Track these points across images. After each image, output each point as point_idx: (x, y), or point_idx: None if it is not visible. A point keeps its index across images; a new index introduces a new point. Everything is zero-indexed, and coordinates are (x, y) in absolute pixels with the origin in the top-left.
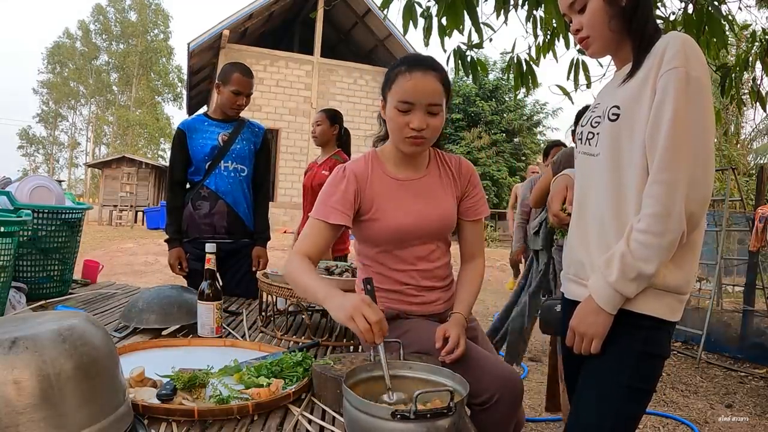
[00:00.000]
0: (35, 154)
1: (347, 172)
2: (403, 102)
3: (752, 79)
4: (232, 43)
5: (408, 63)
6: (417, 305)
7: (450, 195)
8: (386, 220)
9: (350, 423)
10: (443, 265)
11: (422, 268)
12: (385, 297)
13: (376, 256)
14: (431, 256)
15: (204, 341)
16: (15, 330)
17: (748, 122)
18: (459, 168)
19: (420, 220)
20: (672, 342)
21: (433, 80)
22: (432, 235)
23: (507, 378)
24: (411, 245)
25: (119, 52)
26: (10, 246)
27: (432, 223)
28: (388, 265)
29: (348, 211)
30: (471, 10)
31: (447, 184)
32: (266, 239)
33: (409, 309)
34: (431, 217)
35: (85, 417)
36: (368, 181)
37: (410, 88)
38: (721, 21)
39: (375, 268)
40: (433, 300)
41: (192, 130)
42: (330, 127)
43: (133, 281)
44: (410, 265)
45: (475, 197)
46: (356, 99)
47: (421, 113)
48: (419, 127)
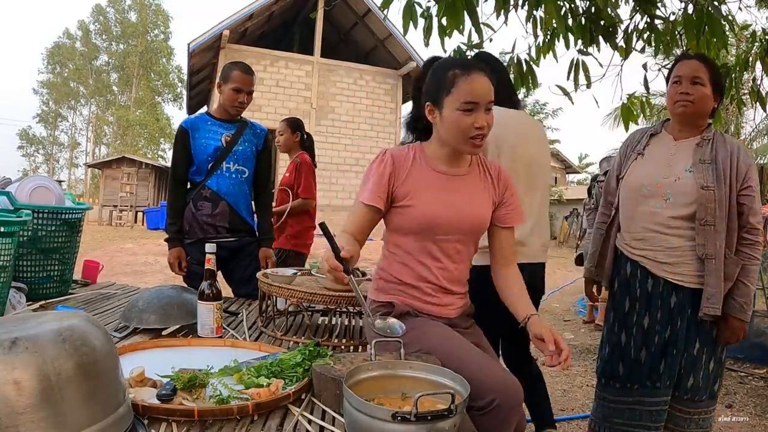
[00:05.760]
0: (35, 154)
1: (386, 156)
2: (467, 103)
3: (752, 79)
4: (232, 43)
5: (461, 65)
6: (431, 305)
7: (487, 198)
8: (420, 207)
9: (350, 424)
10: (465, 270)
11: (446, 266)
12: (402, 291)
13: (404, 245)
14: (457, 257)
15: (204, 341)
16: (15, 330)
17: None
18: (498, 175)
19: (454, 213)
20: None
21: (487, 79)
22: (463, 232)
23: (507, 384)
24: (440, 239)
25: (119, 52)
26: (10, 246)
27: (465, 220)
28: (414, 255)
29: (381, 193)
30: (471, 10)
31: (486, 187)
32: (272, 240)
33: (422, 308)
34: (465, 214)
35: (85, 417)
36: (407, 167)
37: (474, 90)
38: (721, 21)
39: (400, 257)
40: (447, 304)
41: (195, 129)
42: (292, 135)
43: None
44: (435, 261)
45: (511, 205)
46: (356, 99)
47: (483, 113)
48: (482, 126)
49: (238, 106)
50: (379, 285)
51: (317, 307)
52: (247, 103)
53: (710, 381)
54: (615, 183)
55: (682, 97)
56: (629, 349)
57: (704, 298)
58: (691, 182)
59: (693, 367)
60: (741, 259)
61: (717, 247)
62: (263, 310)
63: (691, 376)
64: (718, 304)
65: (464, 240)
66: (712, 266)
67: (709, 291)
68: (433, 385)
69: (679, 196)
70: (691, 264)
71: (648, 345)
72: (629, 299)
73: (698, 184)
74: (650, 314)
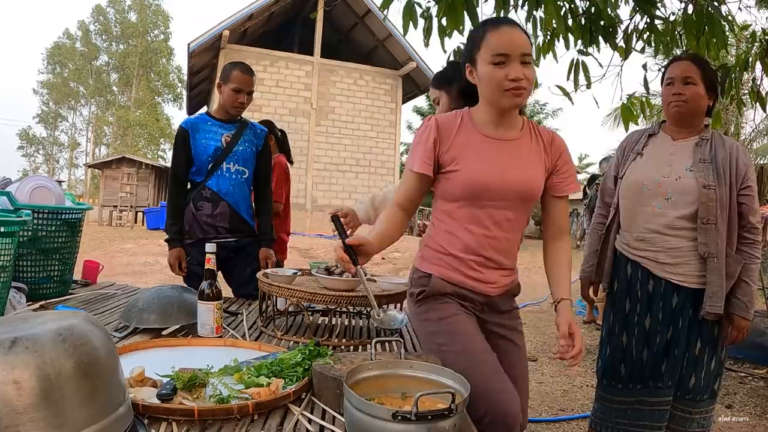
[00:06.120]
0: (35, 154)
1: (431, 122)
2: (498, 55)
3: (752, 79)
4: (232, 43)
5: (493, 21)
6: (472, 280)
7: (538, 163)
8: (467, 171)
9: (351, 424)
10: (515, 241)
11: (495, 235)
12: (445, 262)
13: (451, 212)
14: (507, 225)
15: (204, 341)
16: (15, 330)
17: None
18: (551, 141)
19: (502, 177)
20: None
21: (520, 32)
22: (512, 197)
23: (502, 402)
24: (488, 206)
25: (119, 52)
26: (10, 246)
27: (514, 185)
28: (461, 223)
29: (428, 159)
30: (471, 10)
31: (537, 152)
32: (272, 240)
33: (463, 282)
34: (514, 178)
35: (85, 417)
36: (454, 132)
37: (504, 41)
38: (721, 21)
39: (446, 225)
40: (491, 281)
41: (195, 129)
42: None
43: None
44: (483, 229)
45: (565, 173)
46: (356, 99)
47: (517, 64)
48: (517, 77)
49: (238, 106)
50: (424, 253)
51: (317, 307)
52: (247, 104)
53: (711, 380)
54: (613, 183)
55: (675, 98)
56: (631, 350)
57: (706, 296)
58: (693, 181)
59: (695, 367)
60: (742, 258)
61: (719, 246)
62: (263, 310)
63: (692, 376)
64: (720, 302)
65: (514, 207)
66: (714, 265)
67: (711, 290)
68: (434, 385)
69: (681, 195)
70: (692, 264)
71: (650, 345)
72: (630, 300)
73: (699, 183)
74: (651, 315)
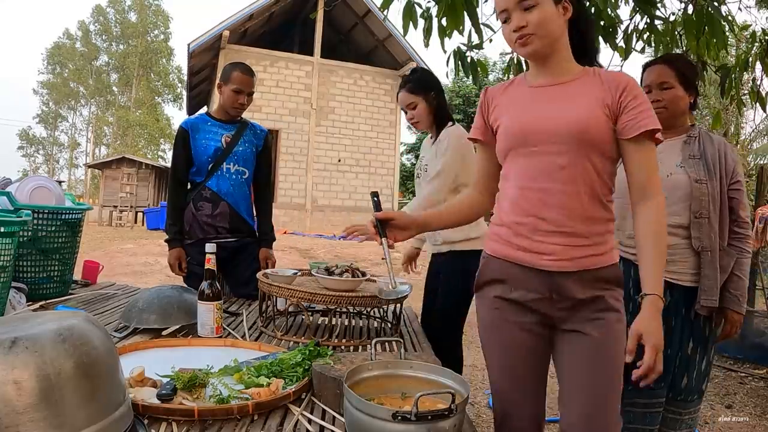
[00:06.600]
0: (35, 154)
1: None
2: (500, 14)
3: (752, 79)
4: (232, 43)
5: None
6: (522, 252)
7: (592, 99)
8: (507, 121)
9: (351, 424)
10: (576, 195)
11: (547, 187)
12: (496, 234)
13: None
14: (560, 175)
15: (204, 341)
16: (15, 330)
17: (748, 123)
18: (613, 77)
19: (543, 118)
20: None
21: None
22: (558, 139)
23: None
24: (534, 152)
25: (119, 52)
26: (10, 246)
27: (558, 124)
28: (513, 181)
29: (480, 125)
30: (471, 10)
31: (591, 90)
32: (272, 240)
33: (515, 256)
34: (559, 117)
35: (85, 417)
36: (500, 93)
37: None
38: (721, 21)
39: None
40: (546, 252)
41: (195, 130)
42: None
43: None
44: (530, 180)
45: (635, 108)
46: (356, 100)
47: (517, 13)
48: (518, 26)
49: (238, 107)
50: (489, 230)
51: (317, 308)
52: (247, 105)
53: (701, 380)
54: None
55: (654, 105)
56: None
57: (701, 290)
58: (684, 177)
59: (687, 367)
60: (734, 252)
61: (712, 240)
62: (263, 310)
63: (684, 376)
64: (715, 296)
65: (566, 152)
66: (708, 258)
67: (706, 283)
68: (434, 385)
69: (672, 191)
70: (686, 262)
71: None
72: (622, 298)
73: (691, 177)
74: None
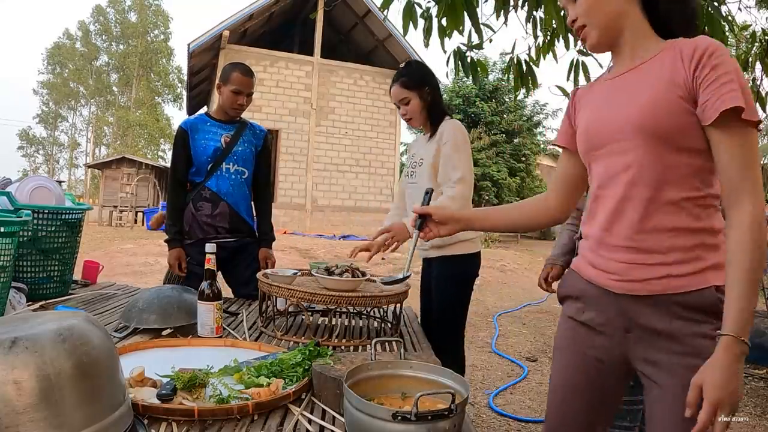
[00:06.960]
0: (35, 154)
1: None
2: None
3: (752, 79)
4: (232, 43)
5: None
6: (587, 267)
7: (663, 81)
8: (581, 122)
9: (350, 423)
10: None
11: (611, 193)
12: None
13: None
14: (625, 176)
15: (204, 341)
16: (15, 330)
17: None
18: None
19: (607, 115)
20: None
21: None
22: (622, 136)
23: None
24: (601, 155)
25: (119, 52)
26: (10, 246)
27: (620, 121)
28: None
29: (565, 129)
30: (471, 10)
31: (662, 69)
32: (271, 240)
33: (584, 270)
34: (620, 112)
35: (85, 417)
36: (588, 91)
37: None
38: (721, 21)
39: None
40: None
41: (194, 130)
42: None
43: (133, 282)
44: (601, 188)
45: (714, 83)
46: (356, 100)
47: (570, 8)
48: (571, 21)
49: (237, 108)
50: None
51: (317, 308)
52: (246, 105)
53: None
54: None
55: None
56: None
57: None
58: None
59: None
60: None
61: None
62: (263, 310)
63: None
64: None
65: (634, 148)
66: None
67: None
68: (434, 385)
69: None
70: None
71: None
72: None
73: None
74: None
